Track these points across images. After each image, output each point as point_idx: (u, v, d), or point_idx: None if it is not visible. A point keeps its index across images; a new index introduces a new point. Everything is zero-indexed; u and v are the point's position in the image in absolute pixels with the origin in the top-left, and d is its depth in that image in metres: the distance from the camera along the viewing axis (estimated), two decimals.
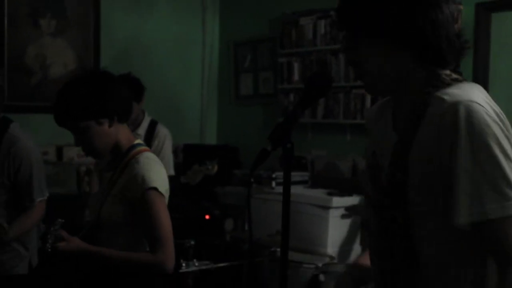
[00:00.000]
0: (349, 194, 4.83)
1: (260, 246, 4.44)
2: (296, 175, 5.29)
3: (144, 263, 2.38)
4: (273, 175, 5.16)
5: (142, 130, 4.28)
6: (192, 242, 4.03)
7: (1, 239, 2.88)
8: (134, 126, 4.16)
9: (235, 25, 6.69)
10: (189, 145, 6.33)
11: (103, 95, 2.40)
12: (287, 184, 1.49)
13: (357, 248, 4.84)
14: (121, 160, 2.46)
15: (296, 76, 5.81)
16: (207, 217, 5.28)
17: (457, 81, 1.55)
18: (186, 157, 6.22)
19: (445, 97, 1.49)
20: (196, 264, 3.95)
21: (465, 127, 1.42)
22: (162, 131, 4.38)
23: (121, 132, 2.48)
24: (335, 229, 4.73)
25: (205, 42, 6.78)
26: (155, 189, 2.37)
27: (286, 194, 1.49)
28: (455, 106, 1.44)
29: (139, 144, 2.53)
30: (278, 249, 4.28)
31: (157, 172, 2.42)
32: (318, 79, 1.54)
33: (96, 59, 6.02)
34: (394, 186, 1.53)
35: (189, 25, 6.68)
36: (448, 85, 1.53)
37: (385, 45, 1.54)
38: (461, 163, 1.42)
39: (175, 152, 6.35)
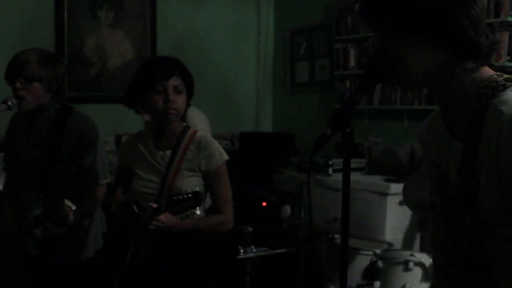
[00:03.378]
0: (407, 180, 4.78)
1: (317, 233, 4.44)
2: (353, 162, 5.19)
3: (220, 223, 2.87)
4: (330, 162, 5.14)
5: None
6: (250, 229, 4.07)
7: (65, 224, 2.93)
8: None
9: (290, 12, 6.68)
10: (246, 133, 6.36)
11: (193, 81, 2.92)
12: (346, 169, 1.49)
13: (418, 235, 4.80)
14: (180, 140, 2.83)
15: (352, 63, 5.77)
16: (264, 204, 5.31)
17: (509, 81, 1.53)
18: (243, 145, 6.25)
19: (503, 108, 1.46)
20: (254, 250, 3.98)
21: None
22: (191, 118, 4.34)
23: None
24: (393, 216, 4.69)
25: (260, 31, 6.79)
26: (226, 161, 2.87)
27: (346, 179, 1.49)
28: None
29: (189, 126, 2.92)
30: (336, 236, 4.28)
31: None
32: (378, 61, 1.53)
33: (153, 49, 6.10)
34: (465, 192, 1.52)
35: (244, 14, 6.70)
36: (503, 86, 1.51)
37: (422, 42, 1.52)
38: None
39: (231, 140, 6.40)
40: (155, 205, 2.67)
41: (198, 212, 2.80)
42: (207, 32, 6.41)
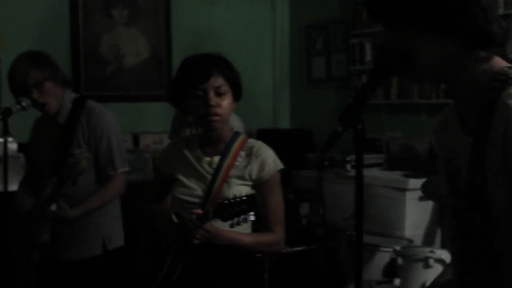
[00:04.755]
0: (426, 175, 4.72)
1: (336, 230, 4.41)
2: (370, 158, 5.22)
3: (268, 243, 2.55)
4: (348, 158, 5.10)
5: None
6: None
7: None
8: None
9: (306, 8, 6.63)
10: (263, 130, 6.34)
11: (239, 77, 2.61)
12: (359, 165, 1.45)
13: (439, 231, 4.74)
14: (230, 145, 2.55)
15: (368, 57, 5.72)
16: None
17: None
18: None
19: (510, 102, 1.43)
20: None
21: None
22: None
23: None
24: (413, 212, 4.64)
25: (275, 26, 6.75)
26: (280, 170, 2.56)
27: (359, 175, 1.45)
28: None
29: (239, 132, 2.64)
30: (354, 233, 4.24)
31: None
32: (387, 56, 1.49)
33: (168, 47, 6.09)
34: (473, 188, 1.49)
35: (259, 10, 6.66)
36: None
37: (432, 34, 1.48)
38: None
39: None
40: (200, 211, 2.39)
41: (252, 218, 2.42)
42: (222, 29, 6.39)
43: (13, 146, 4.89)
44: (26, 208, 3.15)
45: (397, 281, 3.71)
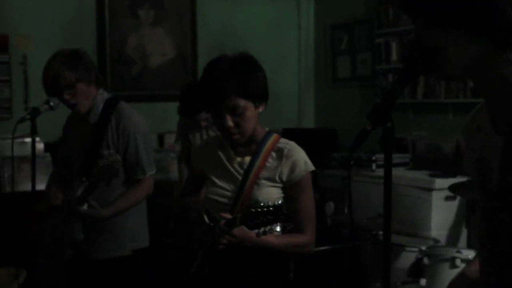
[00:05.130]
0: (453, 175, 4.69)
1: (361, 229, 4.39)
2: (397, 157, 5.19)
3: (299, 245, 2.51)
4: (373, 157, 5.08)
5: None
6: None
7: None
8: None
9: (331, 7, 6.61)
10: (288, 130, 6.33)
11: (262, 79, 2.46)
12: (388, 164, 1.44)
13: (464, 231, 4.71)
14: (261, 146, 2.49)
15: (394, 56, 5.69)
16: None
17: None
18: None
19: None
20: None
21: None
22: None
23: (258, 120, 2.51)
24: (439, 212, 4.61)
25: (300, 26, 6.74)
26: (312, 172, 2.49)
27: (388, 173, 1.45)
28: None
29: (271, 132, 2.56)
30: (380, 232, 4.22)
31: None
32: (417, 54, 1.48)
33: (193, 47, 6.11)
34: (504, 188, 1.47)
35: (283, 9, 6.66)
36: None
37: (462, 33, 1.46)
38: None
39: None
40: (229, 216, 2.36)
41: (278, 229, 2.41)
42: (247, 28, 6.40)
43: (40, 145, 4.94)
44: (57, 204, 3.17)
45: (423, 281, 3.69)
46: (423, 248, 3.91)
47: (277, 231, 2.41)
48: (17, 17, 5.38)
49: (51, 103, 3.04)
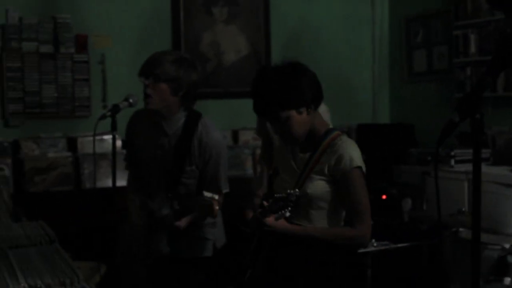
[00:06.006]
0: None
1: (440, 226, 4.29)
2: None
3: (346, 237, 2.59)
4: (452, 153, 4.96)
5: None
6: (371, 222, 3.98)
7: (212, 213, 2.96)
8: None
9: (405, 0, 6.50)
10: (363, 125, 6.26)
11: (302, 86, 2.56)
12: (477, 158, 1.40)
13: None
14: (320, 142, 2.62)
15: (473, 49, 5.54)
16: (383, 197, 5.19)
17: None
18: (360, 137, 6.15)
19: None
20: (375, 244, 3.91)
21: None
22: None
23: (316, 117, 2.65)
24: None
25: (374, 20, 6.65)
26: (360, 168, 2.58)
27: (477, 169, 1.40)
28: None
29: (334, 129, 2.69)
30: (461, 229, 4.12)
31: (359, 153, 2.62)
32: (509, 43, 1.42)
33: (267, 43, 6.10)
34: None
35: (357, 3, 6.58)
36: None
37: None
38: None
39: (348, 132, 6.31)
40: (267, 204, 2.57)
41: (287, 214, 2.52)
42: (321, 23, 6.36)
43: (118, 142, 5.03)
44: (141, 220, 3.22)
45: (507, 280, 3.58)
46: (506, 246, 3.79)
47: (286, 215, 2.52)
48: (96, 17, 5.49)
49: (131, 100, 3.08)
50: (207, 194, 2.96)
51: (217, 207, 2.94)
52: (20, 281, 1.81)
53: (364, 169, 2.61)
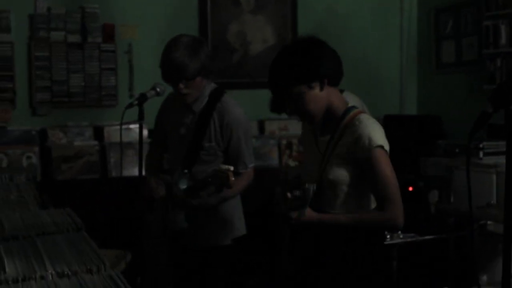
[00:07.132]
0: None
1: (468, 219, 4.25)
2: (503, 145, 4.99)
3: (376, 222, 2.44)
4: (481, 145, 4.90)
5: None
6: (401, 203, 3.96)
7: (227, 184, 2.91)
8: None
9: None
10: (390, 116, 6.21)
11: (311, 59, 2.42)
12: (510, 150, 1.37)
13: None
14: (339, 123, 2.46)
15: (503, 40, 5.45)
16: (410, 189, 5.16)
17: None
18: (387, 128, 6.08)
19: None
20: (401, 236, 3.89)
21: None
22: None
23: (333, 95, 2.49)
24: None
25: (403, 10, 6.58)
26: (381, 147, 2.40)
27: (510, 163, 1.37)
28: None
29: (354, 107, 2.52)
30: (489, 222, 4.07)
31: (380, 132, 2.44)
32: None
33: (294, 33, 6.08)
34: None
35: None
36: None
37: None
38: None
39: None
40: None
41: (305, 214, 2.41)
42: (348, 13, 6.31)
43: (144, 132, 5.05)
44: (160, 195, 3.20)
45: None
46: None
47: (305, 215, 2.41)
48: (123, 7, 5.51)
49: (158, 89, 3.07)
50: (222, 166, 2.94)
51: (232, 178, 2.90)
52: (48, 268, 1.82)
53: (387, 147, 2.43)
